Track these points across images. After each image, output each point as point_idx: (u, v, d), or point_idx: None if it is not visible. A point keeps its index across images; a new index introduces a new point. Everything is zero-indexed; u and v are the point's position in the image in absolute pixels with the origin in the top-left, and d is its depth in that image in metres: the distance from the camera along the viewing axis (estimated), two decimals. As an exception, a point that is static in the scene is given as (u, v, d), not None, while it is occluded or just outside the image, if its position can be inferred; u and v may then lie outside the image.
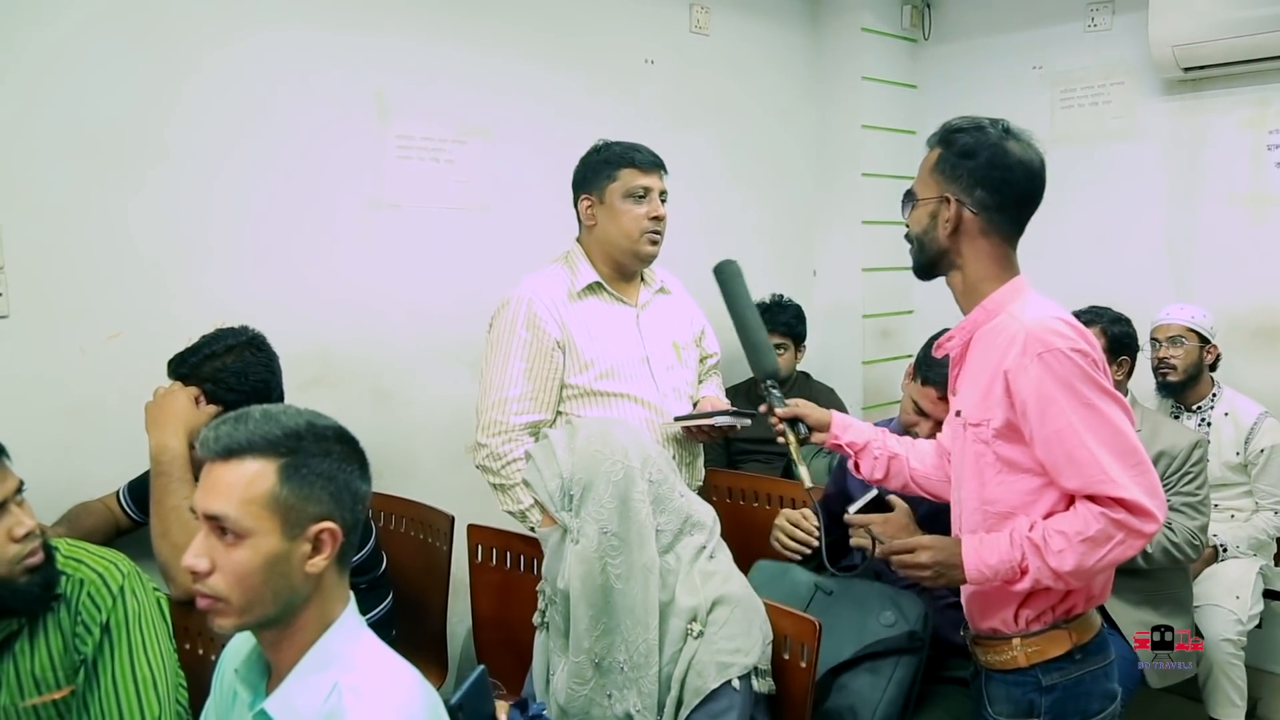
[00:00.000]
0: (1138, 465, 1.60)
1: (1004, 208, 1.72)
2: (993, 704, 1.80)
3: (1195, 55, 3.51)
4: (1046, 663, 1.73)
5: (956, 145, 1.72)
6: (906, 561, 1.77)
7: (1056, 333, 1.61)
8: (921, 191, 1.78)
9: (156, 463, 2.07)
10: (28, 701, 1.68)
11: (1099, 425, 1.59)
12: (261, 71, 2.67)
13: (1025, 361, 1.61)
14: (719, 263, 2.14)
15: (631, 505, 1.75)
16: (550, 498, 1.77)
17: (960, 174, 1.71)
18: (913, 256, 1.82)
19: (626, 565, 1.74)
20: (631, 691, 1.73)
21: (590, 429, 1.82)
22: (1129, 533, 1.58)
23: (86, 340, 2.42)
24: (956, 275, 1.78)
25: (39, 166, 2.33)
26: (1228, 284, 3.66)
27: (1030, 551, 1.62)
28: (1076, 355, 1.60)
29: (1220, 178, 3.69)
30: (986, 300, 1.73)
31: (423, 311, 3.05)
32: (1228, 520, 3.28)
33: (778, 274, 4.13)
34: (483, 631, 2.58)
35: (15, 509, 1.63)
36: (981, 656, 1.82)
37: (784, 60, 4.17)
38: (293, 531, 1.31)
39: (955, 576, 1.72)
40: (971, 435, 1.73)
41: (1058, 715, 1.73)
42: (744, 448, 3.69)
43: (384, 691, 1.33)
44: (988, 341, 1.71)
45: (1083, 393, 1.59)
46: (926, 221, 1.76)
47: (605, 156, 2.50)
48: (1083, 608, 1.75)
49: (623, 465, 1.76)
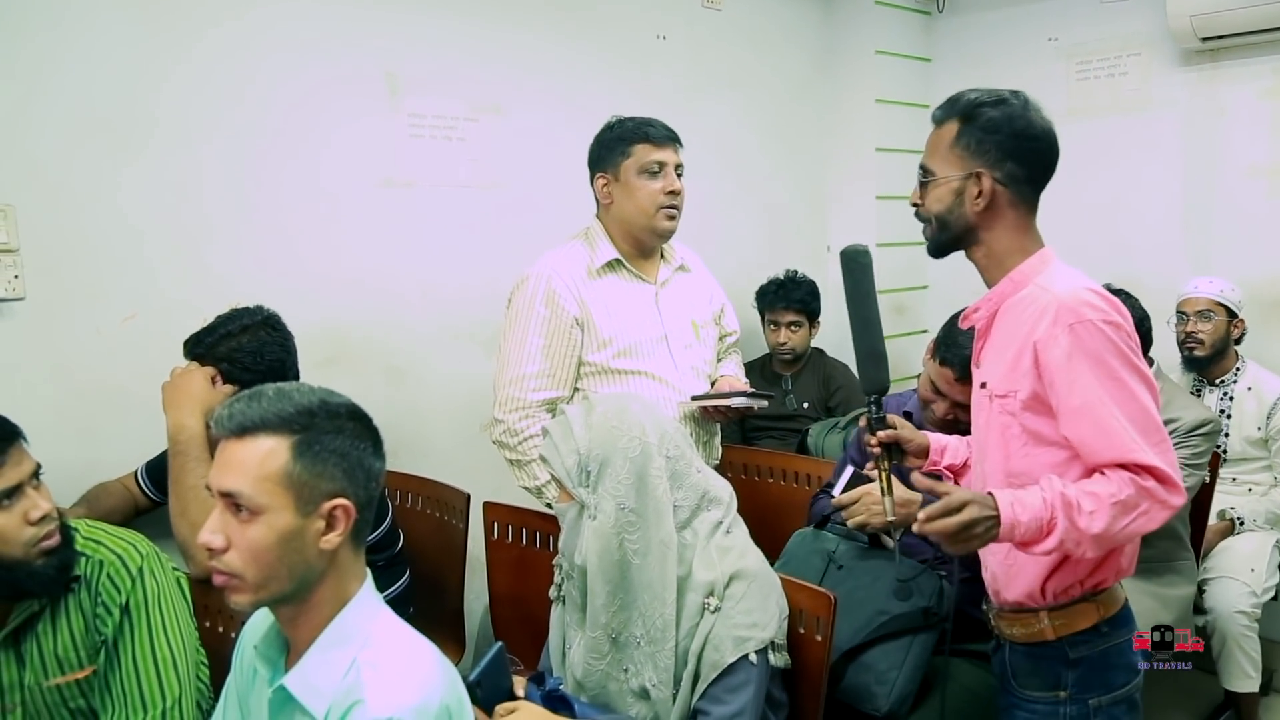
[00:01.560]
0: (1162, 442, 1.58)
1: (1031, 179, 1.70)
2: (1017, 677, 1.78)
3: (1214, 25, 3.47)
4: (1073, 635, 1.71)
5: (981, 119, 1.69)
6: (949, 525, 1.57)
7: (1089, 304, 1.59)
8: (942, 169, 1.73)
9: (174, 442, 2.08)
10: (50, 681, 1.70)
11: (1125, 399, 1.57)
12: (274, 51, 2.66)
13: (1056, 332, 1.59)
14: (847, 248, 1.84)
15: (649, 481, 1.75)
16: (568, 474, 1.77)
17: (988, 148, 1.68)
18: (930, 235, 1.78)
19: (643, 540, 1.75)
20: (648, 666, 1.75)
21: (607, 405, 1.82)
22: (1155, 502, 1.56)
23: (103, 322, 2.42)
24: (980, 250, 1.75)
25: (52, 149, 2.33)
26: (1246, 257, 3.63)
27: (1060, 510, 1.56)
28: (1108, 327, 1.58)
29: (1239, 149, 3.65)
30: (1014, 272, 1.71)
31: (436, 290, 3.05)
32: (1245, 494, 3.27)
33: (791, 250, 4.12)
34: (499, 608, 2.59)
35: (31, 492, 1.64)
36: (1006, 630, 1.80)
37: (797, 34, 4.14)
38: (306, 508, 1.32)
39: (992, 536, 1.61)
40: (998, 407, 1.71)
41: (1084, 688, 1.71)
42: (759, 424, 3.70)
43: (402, 666, 1.34)
44: (1016, 313, 1.69)
45: (1112, 366, 1.57)
46: (950, 199, 1.72)
47: (619, 133, 2.48)
48: (1111, 580, 1.73)
49: (640, 441, 1.76)
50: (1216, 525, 3.12)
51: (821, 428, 3.38)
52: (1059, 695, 1.73)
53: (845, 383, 3.75)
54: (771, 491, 2.93)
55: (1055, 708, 1.74)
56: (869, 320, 1.81)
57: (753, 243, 4.01)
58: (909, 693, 2.05)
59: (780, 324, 3.72)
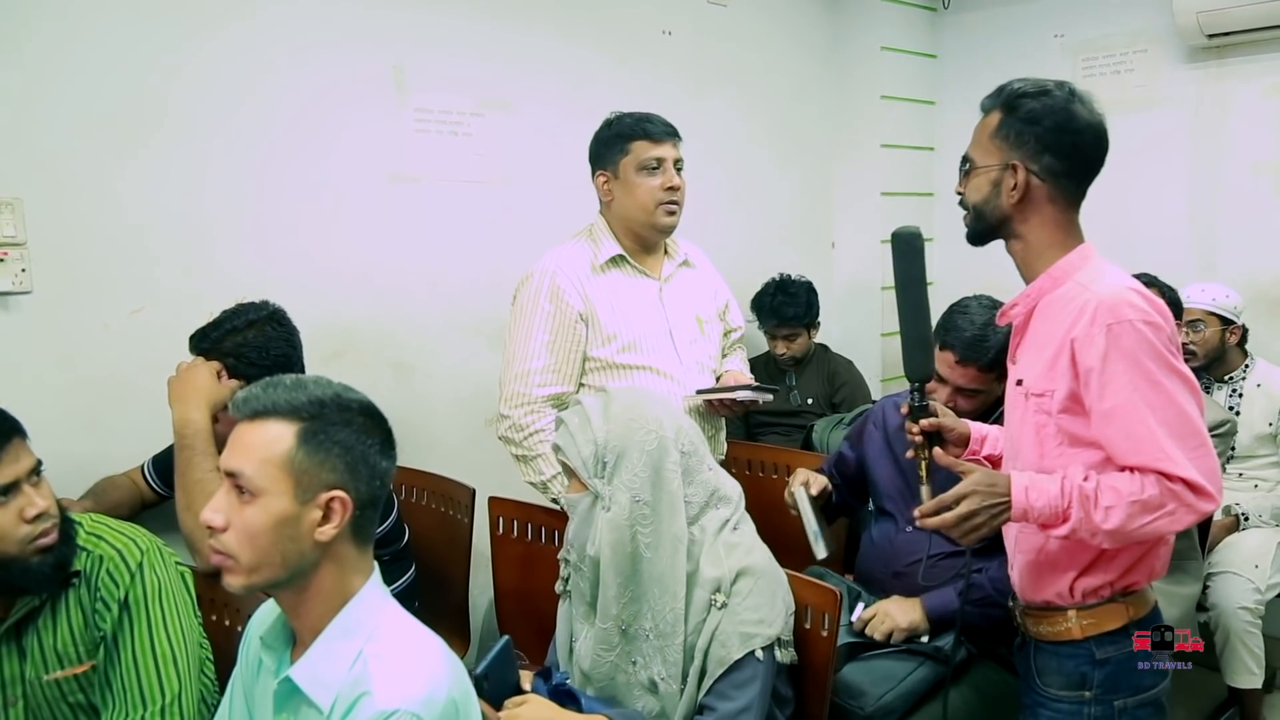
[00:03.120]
0: (1199, 447, 1.54)
1: (1071, 174, 1.66)
2: (1041, 675, 1.75)
3: (1221, 21, 3.46)
4: (1101, 636, 1.68)
5: (1021, 110, 1.65)
6: (946, 520, 1.61)
7: (1129, 304, 1.56)
8: (981, 158, 1.71)
9: (180, 436, 2.08)
10: (50, 676, 1.70)
11: (1162, 403, 1.54)
12: (281, 46, 2.66)
13: (1093, 331, 1.56)
14: (900, 230, 1.77)
15: (664, 475, 1.76)
16: (583, 464, 1.77)
17: (1027, 140, 1.65)
18: (968, 224, 1.76)
19: (655, 534, 1.75)
20: (657, 659, 1.75)
21: (625, 397, 1.82)
22: (1182, 505, 1.53)
23: (109, 316, 2.43)
24: (1018, 243, 1.72)
25: (60, 142, 2.33)
26: (1252, 253, 3.62)
27: (1077, 501, 1.55)
28: (1147, 328, 1.54)
29: (1245, 146, 3.65)
30: (1053, 268, 1.68)
31: (443, 285, 3.06)
32: (1251, 489, 3.26)
33: (796, 246, 4.12)
34: (505, 603, 2.60)
35: (29, 489, 1.63)
36: (1032, 627, 1.77)
37: (802, 30, 4.14)
38: (304, 496, 1.32)
39: (1000, 521, 1.62)
40: (1033, 405, 1.68)
41: (1110, 689, 1.68)
42: (763, 420, 3.70)
43: (409, 659, 1.34)
44: (1054, 310, 1.65)
45: (1148, 367, 1.54)
46: (988, 189, 1.69)
47: (617, 130, 2.47)
48: (1144, 582, 1.70)
49: (656, 435, 1.77)
50: (1221, 521, 3.12)
51: (827, 424, 3.38)
52: (1084, 695, 1.69)
53: (849, 379, 3.75)
54: (776, 487, 2.92)
55: (1080, 707, 1.70)
56: (919, 306, 1.76)
57: (756, 239, 4.00)
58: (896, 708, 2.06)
59: (776, 336, 3.73)
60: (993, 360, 2.20)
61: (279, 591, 1.38)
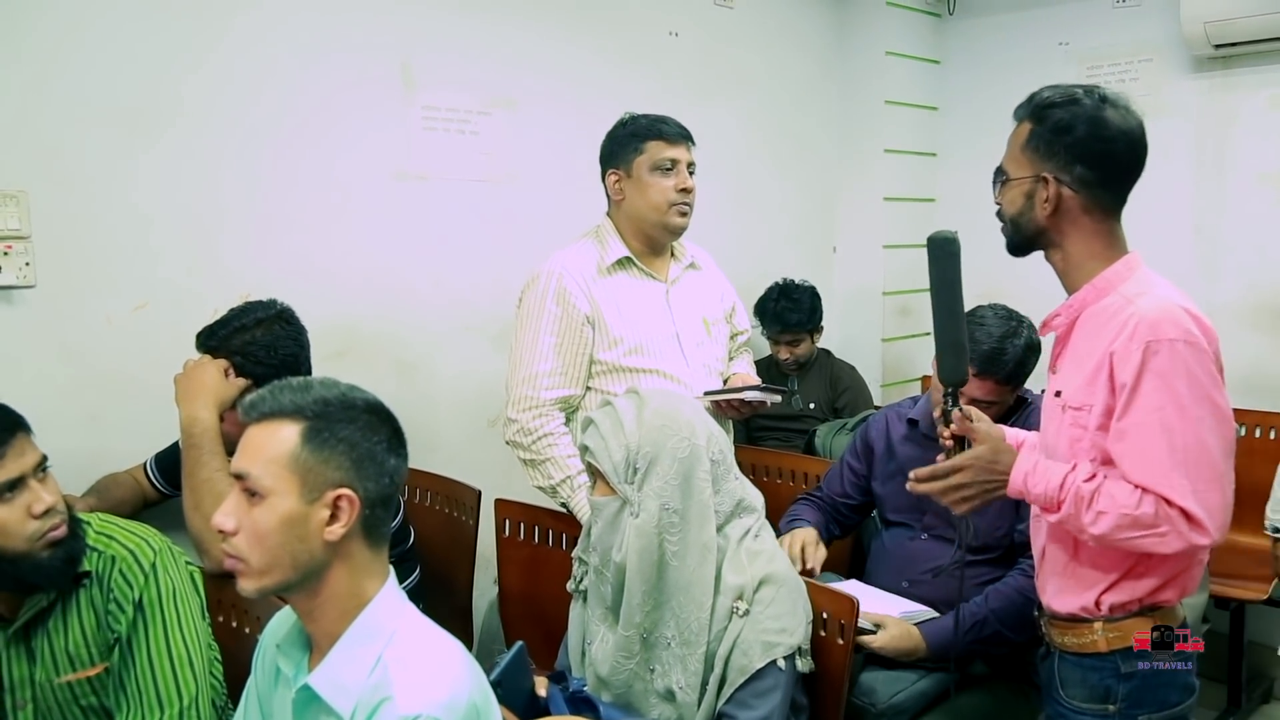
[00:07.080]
0: (1211, 481, 1.52)
1: (1106, 183, 1.64)
2: (1065, 687, 1.72)
3: (1228, 31, 3.46)
4: (1127, 649, 1.65)
5: (1050, 120, 1.62)
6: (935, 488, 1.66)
7: (1173, 321, 1.53)
8: (1014, 170, 1.68)
9: (187, 435, 2.05)
10: (62, 678, 1.67)
11: (1182, 430, 1.51)
12: (289, 42, 2.64)
13: (1131, 348, 1.53)
14: (936, 234, 1.71)
15: (694, 483, 1.74)
16: (614, 468, 1.75)
17: (1057, 150, 1.62)
18: (1006, 235, 1.74)
19: (683, 542, 1.73)
20: (677, 668, 1.73)
21: (659, 402, 1.80)
22: (1174, 531, 1.51)
23: (113, 311, 2.40)
24: (1057, 254, 1.70)
25: (65, 135, 2.30)
26: (1256, 264, 3.62)
27: (1072, 498, 1.55)
28: (1187, 349, 1.52)
29: (1250, 157, 3.64)
30: (1096, 279, 1.65)
31: (448, 284, 3.03)
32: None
33: (798, 250, 4.11)
34: (509, 605, 2.58)
35: (35, 484, 1.61)
36: (1057, 638, 1.74)
37: (807, 34, 4.13)
38: (310, 495, 1.31)
39: (994, 497, 1.63)
40: (1070, 419, 1.65)
41: (1134, 704, 1.66)
42: (764, 424, 3.68)
43: (430, 663, 1.33)
44: (1097, 322, 1.63)
45: (1178, 391, 1.51)
46: (1022, 202, 1.67)
47: (632, 130, 2.47)
48: (1174, 599, 1.67)
49: (689, 442, 1.75)
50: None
51: (830, 428, 3.37)
52: (1108, 709, 1.67)
53: (852, 384, 3.74)
54: (779, 491, 2.92)
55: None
56: (954, 310, 1.71)
57: (758, 242, 3.99)
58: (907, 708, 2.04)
59: (780, 341, 3.71)
60: (1010, 373, 2.19)
61: (292, 595, 1.36)
